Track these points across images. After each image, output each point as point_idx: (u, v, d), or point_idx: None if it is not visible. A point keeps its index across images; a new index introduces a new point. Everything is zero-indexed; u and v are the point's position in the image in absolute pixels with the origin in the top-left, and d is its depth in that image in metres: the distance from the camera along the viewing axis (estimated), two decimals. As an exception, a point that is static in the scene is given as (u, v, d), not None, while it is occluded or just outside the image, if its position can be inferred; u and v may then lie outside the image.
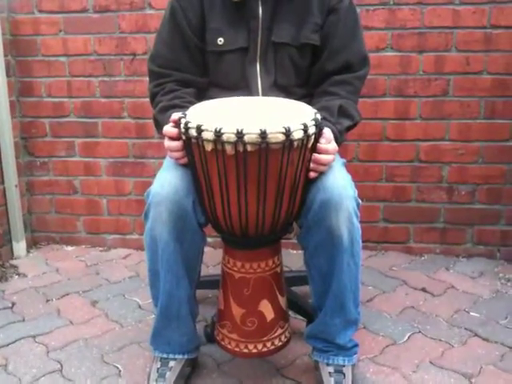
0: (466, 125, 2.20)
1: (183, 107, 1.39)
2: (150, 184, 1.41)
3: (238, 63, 1.53)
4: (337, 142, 1.39)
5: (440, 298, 1.99)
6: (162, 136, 1.39)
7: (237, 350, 1.43)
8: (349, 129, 1.52)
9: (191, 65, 1.54)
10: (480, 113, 2.18)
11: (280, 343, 1.45)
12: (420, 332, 1.78)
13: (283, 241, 1.48)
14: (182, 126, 1.27)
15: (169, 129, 1.32)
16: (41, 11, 2.31)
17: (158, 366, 1.49)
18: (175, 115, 1.31)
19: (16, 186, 2.35)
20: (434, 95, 2.19)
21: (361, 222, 1.40)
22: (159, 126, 1.45)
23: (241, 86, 1.52)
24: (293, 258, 2.09)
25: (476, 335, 1.75)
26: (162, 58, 1.55)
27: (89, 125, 2.40)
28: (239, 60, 1.52)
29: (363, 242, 1.46)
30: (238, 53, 1.52)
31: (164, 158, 1.54)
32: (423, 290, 2.05)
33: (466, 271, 2.19)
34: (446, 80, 2.17)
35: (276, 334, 1.44)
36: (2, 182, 2.32)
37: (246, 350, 1.43)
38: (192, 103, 1.41)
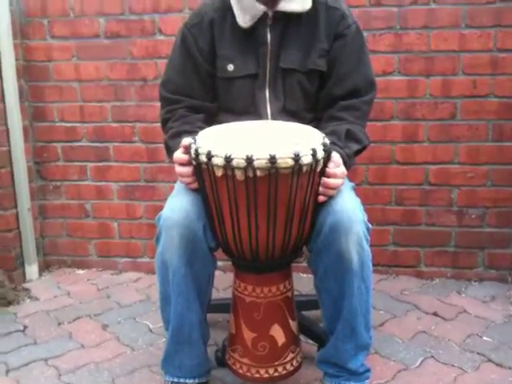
0: (475, 147, 2.21)
1: (192, 132, 1.41)
2: (160, 208, 1.43)
3: (248, 89, 1.55)
4: (345, 165, 1.40)
5: (452, 323, 1.97)
6: (172, 161, 1.41)
7: (248, 374, 1.43)
8: (357, 153, 1.53)
9: (202, 90, 1.57)
10: (488, 136, 2.19)
11: (291, 368, 1.45)
12: (432, 357, 1.76)
13: (293, 264, 1.49)
14: (193, 151, 1.29)
15: (179, 155, 1.35)
16: (53, 37, 2.36)
17: (169, 390, 1.49)
18: (185, 141, 1.33)
19: (29, 209, 2.37)
20: (442, 118, 2.20)
21: (371, 245, 1.41)
22: (170, 151, 1.47)
23: (250, 111, 1.55)
24: (303, 282, 2.09)
25: (489, 360, 1.73)
26: (173, 83, 1.58)
27: (101, 149, 2.43)
28: (249, 86, 1.55)
29: (373, 265, 1.46)
30: (247, 79, 1.55)
31: (175, 182, 1.56)
32: (435, 314, 2.04)
33: (477, 295, 2.17)
34: (453, 103, 2.19)
35: (287, 359, 1.43)
36: (16, 206, 2.35)
37: (257, 375, 1.42)
38: (201, 128, 1.43)
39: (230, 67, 1.54)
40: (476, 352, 1.78)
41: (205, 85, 1.57)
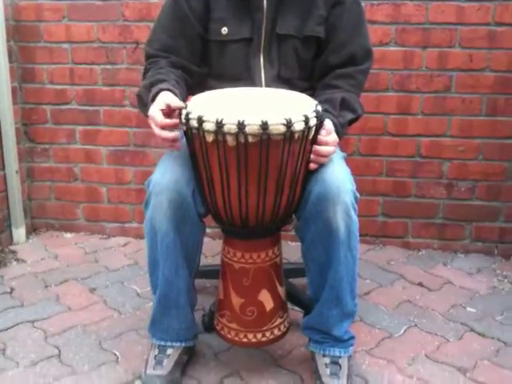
0: (468, 121, 2.20)
1: (165, 81, 1.37)
2: (150, 173, 1.42)
3: (242, 54, 1.52)
4: (338, 134, 1.40)
5: (437, 293, 2.00)
6: (145, 115, 1.37)
7: (236, 339, 1.45)
8: (351, 122, 1.52)
9: (188, 53, 1.52)
10: (482, 110, 2.18)
11: (279, 333, 1.47)
12: (416, 326, 1.79)
13: (282, 233, 1.49)
14: (183, 116, 1.27)
15: (163, 120, 1.29)
16: (44, -3, 2.30)
17: (156, 353, 1.50)
18: (167, 99, 1.29)
19: (17, 171, 2.35)
20: (436, 91, 2.19)
21: (360, 216, 1.41)
22: (142, 103, 1.41)
23: (243, 78, 1.52)
24: (291, 250, 2.10)
25: (472, 330, 1.76)
26: (160, 42, 1.53)
27: (90, 112, 2.40)
28: (243, 51, 1.52)
29: (362, 235, 1.47)
30: (241, 43, 1.52)
31: (164, 147, 1.55)
32: (420, 284, 2.06)
33: (463, 267, 2.20)
34: (448, 76, 2.17)
35: (275, 324, 1.45)
36: (3, 168, 2.32)
37: (245, 340, 1.44)
38: (177, 82, 1.39)
39: (224, 30, 1.51)
40: (459, 322, 1.81)
41: (193, 48, 1.53)
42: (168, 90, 1.33)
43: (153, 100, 1.33)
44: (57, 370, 1.56)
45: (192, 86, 1.52)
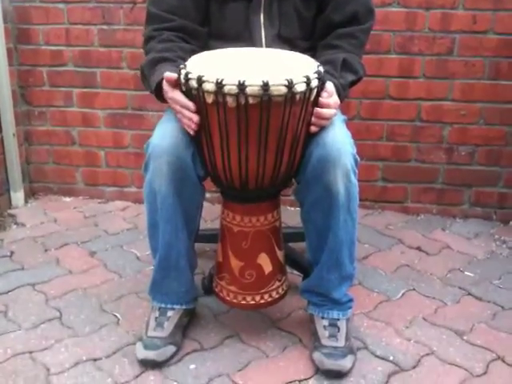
0: (470, 85, 2.17)
1: (173, 61, 1.35)
2: (148, 137, 1.40)
3: (242, 13, 1.49)
4: (339, 96, 1.38)
5: (435, 258, 2.01)
6: (151, 91, 1.37)
7: (235, 301, 1.46)
8: (352, 84, 1.50)
9: (195, 11, 1.48)
10: (484, 73, 2.15)
11: (277, 295, 1.48)
12: (414, 289, 1.80)
13: (281, 198, 1.49)
14: (182, 76, 1.25)
15: (183, 99, 1.29)
16: (38, -46, 2.24)
17: (156, 316, 1.51)
18: (169, 74, 1.27)
19: (14, 134, 2.32)
20: (439, 54, 2.15)
21: (360, 180, 1.41)
22: (146, 80, 1.40)
23: (244, 37, 1.49)
24: (290, 215, 2.10)
25: (469, 294, 1.78)
26: (165, 2, 1.48)
27: (87, 74, 2.36)
28: (243, 10, 1.48)
29: (361, 200, 1.47)
30: (241, 2, 1.48)
31: (163, 111, 1.53)
32: (418, 248, 2.07)
33: (461, 232, 2.20)
34: (451, 38, 2.13)
35: (273, 287, 1.46)
36: (0, 131, 2.30)
37: (243, 302, 1.45)
38: (184, 59, 1.36)
39: None
40: (457, 286, 1.82)
41: (198, 5, 1.49)
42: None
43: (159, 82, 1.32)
44: (58, 331, 1.58)
45: (196, 51, 1.48)
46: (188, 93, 1.27)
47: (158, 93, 1.35)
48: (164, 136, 1.35)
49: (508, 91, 2.16)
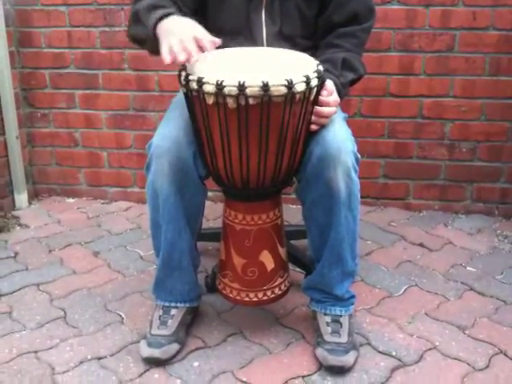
0: (470, 81, 2.18)
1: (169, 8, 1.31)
2: (150, 137, 1.41)
3: (242, 9, 1.48)
4: (339, 94, 1.39)
5: (437, 253, 2.02)
6: (136, 34, 1.35)
7: (238, 298, 1.47)
8: (352, 82, 1.51)
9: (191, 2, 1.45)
10: (485, 69, 2.16)
11: (280, 292, 1.49)
12: (416, 285, 1.81)
13: (283, 196, 1.50)
14: (183, 78, 1.26)
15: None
16: (39, -42, 2.26)
17: (160, 314, 1.52)
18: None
19: (17, 137, 2.34)
20: (439, 50, 2.16)
21: (361, 177, 1.41)
22: (140, 21, 1.33)
23: (243, 33, 1.49)
24: (292, 213, 2.11)
25: (472, 289, 1.78)
26: None
27: (89, 76, 2.38)
28: (243, 5, 1.48)
29: (363, 197, 1.48)
30: None
31: (165, 111, 1.54)
32: (421, 245, 2.08)
33: (464, 227, 2.21)
34: (451, 35, 2.14)
35: (276, 283, 1.47)
36: (3, 134, 2.31)
37: (246, 299, 1.46)
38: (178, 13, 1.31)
39: None
40: (459, 281, 1.83)
41: None
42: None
43: (160, 18, 1.26)
44: (63, 331, 1.59)
45: None
46: (188, 94, 1.28)
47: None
48: (165, 136, 1.36)
49: (509, 87, 2.16)
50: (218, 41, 1.23)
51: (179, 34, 1.21)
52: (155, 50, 1.31)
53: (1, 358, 1.48)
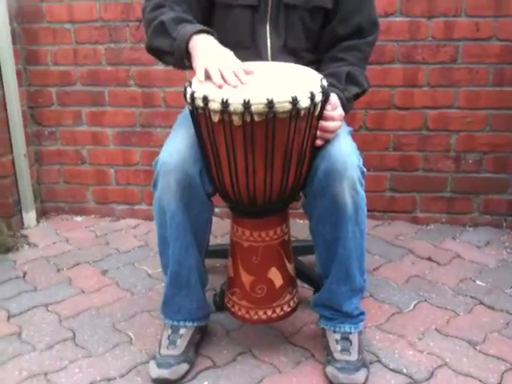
0: (475, 92, 2.18)
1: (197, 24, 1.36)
2: (157, 153, 1.41)
3: (247, 21, 1.49)
4: (344, 108, 1.39)
5: (446, 267, 2.00)
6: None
7: (247, 316, 1.47)
8: (357, 96, 1.51)
9: (197, 9, 1.48)
10: (489, 80, 2.16)
11: (289, 309, 1.48)
12: (426, 300, 1.80)
13: (290, 211, 1.49)
14: (188, 96, 1.26)
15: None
16: (45, -23, 2.28)
17: (169, 333, 1.52)
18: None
19: (25, 155, 2.35)
20: (443, 62, 2.16)
21: (367, 191, 1.41)
22: (166, 32, 1.36)
23: (248, 46, 1.50)
24: (299, 228, 2.10)
25: (481, 303, 1.77)
26: None
27: (95, 93, 2.39)
28: (248, 18, 1.49)
29: (370, 211, 1.47)
30: (247, 10, 1.49)
31: (171, 127, 1.54)
32: (429, 259, 2.06)
33: (472, 240, 2.19)
34: (454, 46, 2.14)
35: (285, 300, 1.47)
36: (11, 152, 2.32)
37: (255, 316, 1.46)
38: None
39: None
40: (469, 295, 1.82)
41: (202, 4, 1.48)
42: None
43: (196, 32, 1.32)
44: (72, 352, 1.59)
45: None
46: (194, 111, 1.29)
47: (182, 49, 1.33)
48: (172, 153, 1.37)
49: (513, 97, 2.16)
50: (250, 70, 1.29)
51: (217, 59, 1.28)
52: (178, 62, 1.38)
53: (11, 380, 1.48)
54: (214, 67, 1.26)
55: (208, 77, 1.27)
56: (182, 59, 1.36)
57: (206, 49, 1.32)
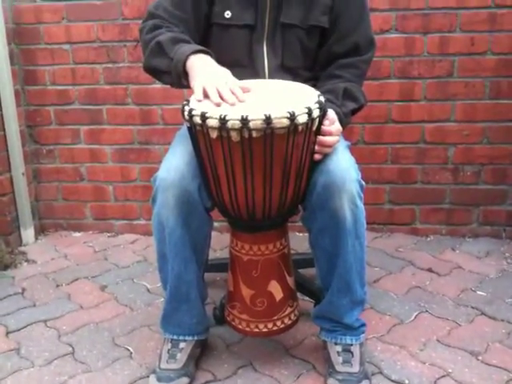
0: (471, 105, 2.20)
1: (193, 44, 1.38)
2: (155, 170, 1.42)
3: (244, 41, 1.51)
4: (341, 123, 1.40)
5: (446, 278, 2.00)
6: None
7: (247, 329, 1.46)
8: (354, 112, 1.52)
9: (193, 29, 1.49)
10: (485, 93, 2.18)
11: (289, 321, 1.48)
12: (427, 311, 1.79)
13: (289, 224, 1.50)
14: (186, 113, 1.27)
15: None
16: (43, -2, 2.31)
17: (169, 348, 1.51)
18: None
19: (23, 173, 2.36)
20: (439, 76, 2.18)
21: (366, 204, 1.41)
22: (163, 53, 1.37)
23: (245, 65, 1.51)
24: (299, 241, 2.10)
25: (482, 314, 1.77)
26: (168, 10, 1.47)
27: (93, 112, 2.41)
28: (245, 38, 1.50)
29: (369, 223, 1.47)
30: (244, 30, 1.50)
31: (169, 143, 1.55)
32: (429, 270, 2.06)
33: (472, 251, 2.20)
34: (450, 61, 2.17)
35: (285, 313, 1.46)
36: (9, 170, 2.33)
37: (256, 330, 1.45)
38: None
39: (228, 14, 1.49)
40: (470, 306, 1.81)
41: (198, 25, 1.50)
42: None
43: (193, 52, 1.34)
44: (71, 367, 1.58)
45: None
46: (192, 128, 1.30)
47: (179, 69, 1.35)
48: (170, 169, 1.37)
49: (510, 109, 2.18)
50: (247, 88, 1.31)
51: (215, 78, 1.30)
52: (175, 82, 1.39)
53: (10, 396, 1.47)
54: (212, 86, 1.28)
55: (206, 96, 1.28)
56: (180, 79, 1.37)
57: (203, 68, 1.33)
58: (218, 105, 1.25)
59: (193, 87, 1.32)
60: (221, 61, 1.40)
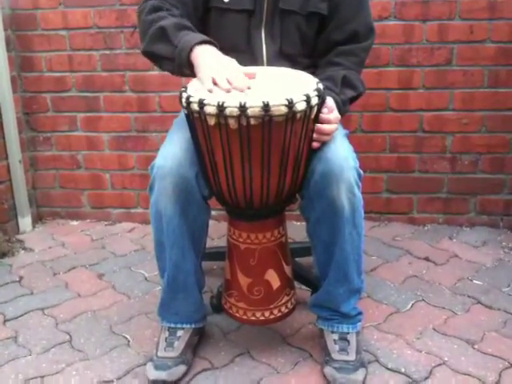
0: (470, 94, 2.19)
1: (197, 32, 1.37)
2: (152, 158, 1.41)
3: (242, 26, 1.49)
4: (340, 111, 1.39)
5: (443, 267, 2.01)
6: (167, 56, 1.36)
7: (244, 317, 1.46)
8: (352, 100, 1.51)
9: (192, 12, 1.48)
10: (483, 82, 2.17)
11: (286, 310, 1.48)
12: (423, 300, 1.80)
13: (287, 213, 1.49)
14: (184, 100, 1.26)
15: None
16: (39, -16, 2.28)
17: (166, 336, 1.52)
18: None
19: (20, 161, 2.35)
20: (437, 64, 2.17)
21: (364, 193, 1.41)
22: (166, 39, 1.36)
23: (243, 50, 1.49)
24: (297, 230, 2.11)
25: (479, 303, 1.77)
26: None
27: (90, 99, 2.39)
28: (244, 23, 1.49)
29: (366, 212, 1.47)
30: (242, 15, 1.49)
31: (166, 131, 1.54)
32: (426, 259, 2.07)
33: (469, 240, 2.20)
34: (449, 49, 2.15)
35: (282, 302, 1.47)
36: (6, 158, 2.32)
37: (253, 318, 1.46)
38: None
39: None
40: (466, 295, 1.82)
41: (197, 8, 1.49)
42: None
43: (199, 43, 1.32)
44: (69, 355, 1.58)
45: None
46: (190, 116, 1.29)
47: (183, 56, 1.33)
48: (168, 157, 1.36)
49: (508, 98, 2.17)
50: (253, 74, 1.32)
51: (222, 67, 1.29)
52: (176, 69, 1.37)
53: (7, 384, 1.47)
54: (220, 74, 1.27)
55: (215, 84, 1.27)
56: (181, 67, 1.36)
57: (210, 59, 1.32)
58: (229, 91, 1.24)
59: (200, 78, 1.30)
60: (220, 47, 1.39)
